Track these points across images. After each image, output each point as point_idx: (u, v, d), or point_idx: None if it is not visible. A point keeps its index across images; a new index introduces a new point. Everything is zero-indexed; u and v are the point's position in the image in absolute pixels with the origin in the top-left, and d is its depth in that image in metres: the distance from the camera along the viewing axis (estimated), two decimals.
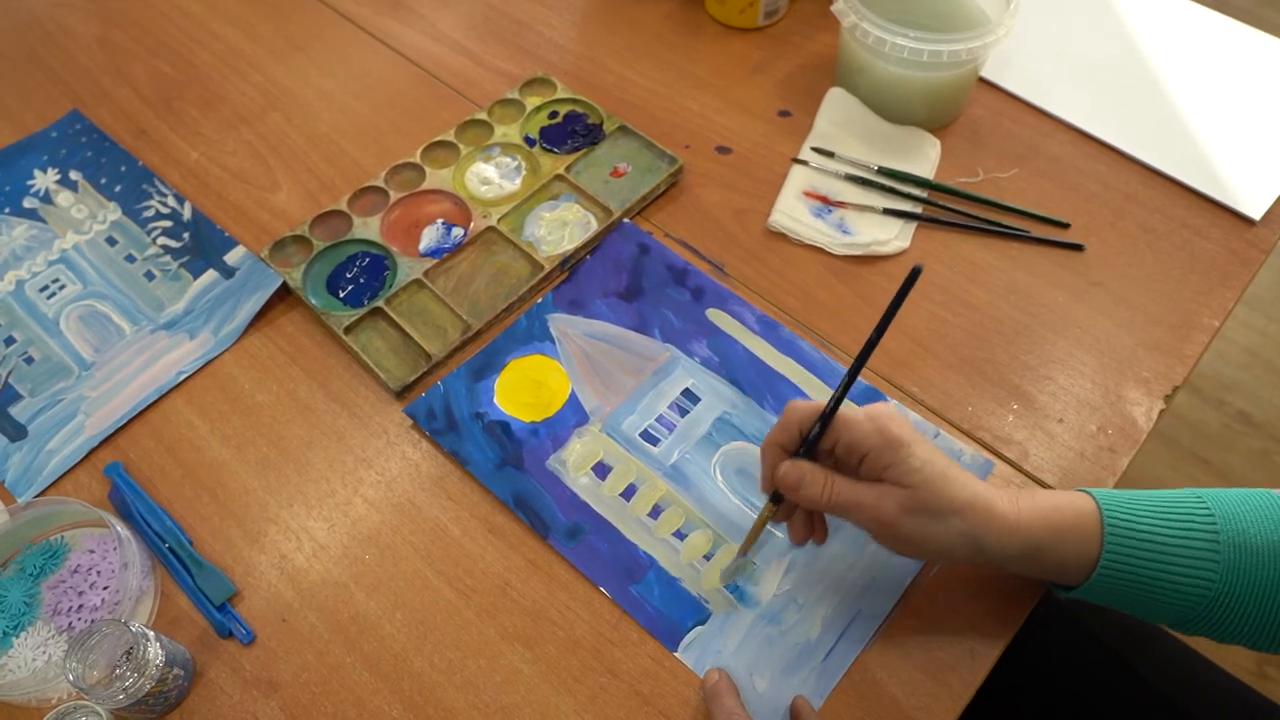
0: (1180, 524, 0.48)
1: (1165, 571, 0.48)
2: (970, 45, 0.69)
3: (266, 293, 0.68)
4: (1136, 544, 0.48)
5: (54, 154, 0.78)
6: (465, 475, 0.60)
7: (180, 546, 0.58)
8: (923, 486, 0.48)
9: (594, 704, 0.52)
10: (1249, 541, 0.47)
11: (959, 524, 0.48)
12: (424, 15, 0.89)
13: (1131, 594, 0.49)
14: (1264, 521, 0.48)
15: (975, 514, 0.48)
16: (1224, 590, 0.47)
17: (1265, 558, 0.47)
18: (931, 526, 0.48)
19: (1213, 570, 0.47)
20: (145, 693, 0.49)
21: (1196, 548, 0.47)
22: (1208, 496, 0.49)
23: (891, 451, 0.48)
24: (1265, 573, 0.47)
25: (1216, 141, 0.76)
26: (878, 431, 0.48)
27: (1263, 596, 0.47)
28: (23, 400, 0.65)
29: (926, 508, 0.48)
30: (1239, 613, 0.48)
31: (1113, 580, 0.48)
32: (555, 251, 0.70)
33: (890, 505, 0.48)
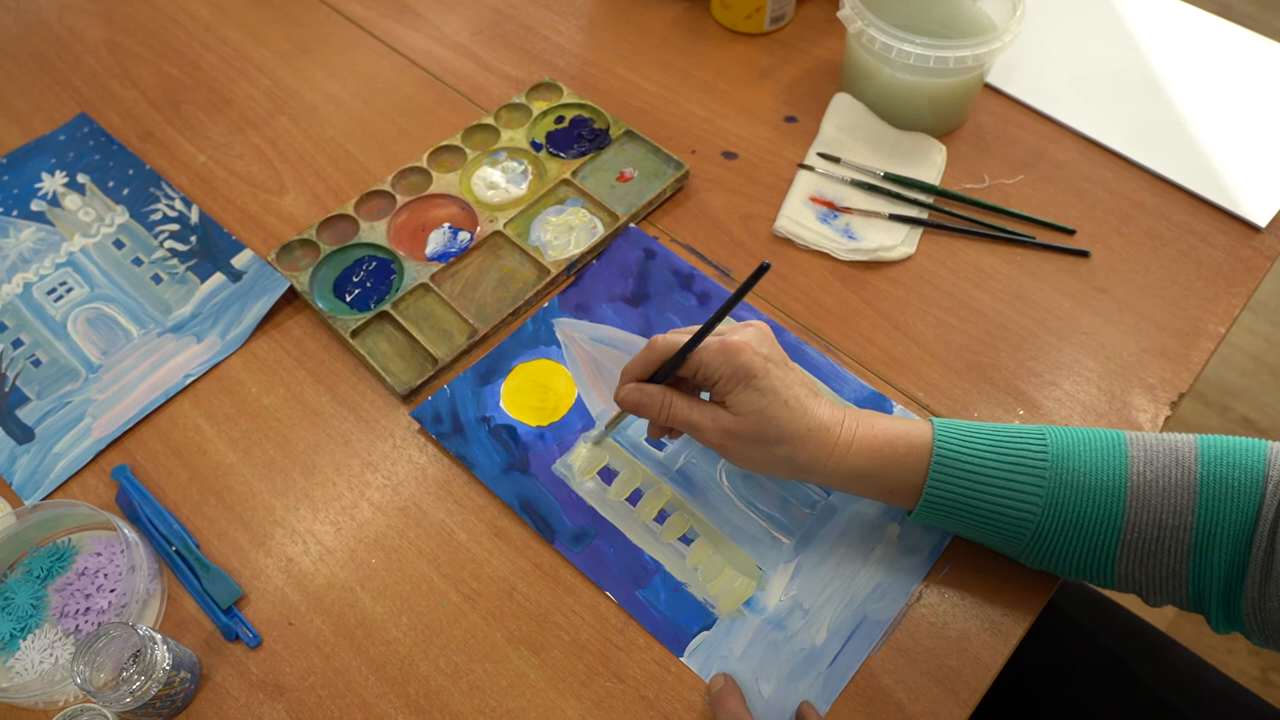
0: (1011, 457, 0.50)
1: (989, 500, 0.50)
2: (976, 51, 0.69)
3: (273, 296, 0.68)
4: (962, 473, 0.51)
5: (62, 157, 0.79)
6: (471, 479, 0.60)
7: (187, 549, 0.58)
8: (754, 415, 0.51)
9: (600, 708, 0.52)
10: (1076, 478, 0.49)
11: (783, 450, 0.52)
12: (430, 19, 0.89)
13: (960, 520, 0.52)
14: (1096, 458, 0.49)
15: (804, 444, 0.52)
16: (1046, 522, 0.49)
17: (1089, 493, 0.49)
18: (753, 450, 0.52)
19: (1035, 502, 0.49)
20: (152, 696, 0.49)
21: (1023, 479, 0.50)
22: (1050, 432, 0.51)
23: (733, 381, 0.51)
24: (1086, 506, 0.49)
25: (1222, 148, 0.76)
26: (725, 362, 0.51)
27: (1085, 529, 0.49)
28: (30, 403, 0.65)
29: (753, 435, 0.52)
30: (1065, 544, 0.50)
31: (939, 505, 0.52)
32: (561, 256, 0.70)
33: (717, 429, 0.52)
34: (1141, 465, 0.49)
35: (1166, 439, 0.50)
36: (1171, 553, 0.48)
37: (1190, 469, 0.48)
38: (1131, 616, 0.71)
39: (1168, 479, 0.48)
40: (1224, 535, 0.47)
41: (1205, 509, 0.47)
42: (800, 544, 0.57)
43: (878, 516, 0.58)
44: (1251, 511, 0.46)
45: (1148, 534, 0.48)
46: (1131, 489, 0.48)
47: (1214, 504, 0.47)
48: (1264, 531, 0.46)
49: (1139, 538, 0.48)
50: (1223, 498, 0.47)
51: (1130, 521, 0.48)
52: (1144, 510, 0.48)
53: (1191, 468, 0.48)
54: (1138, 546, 0.48)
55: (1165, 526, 0.48)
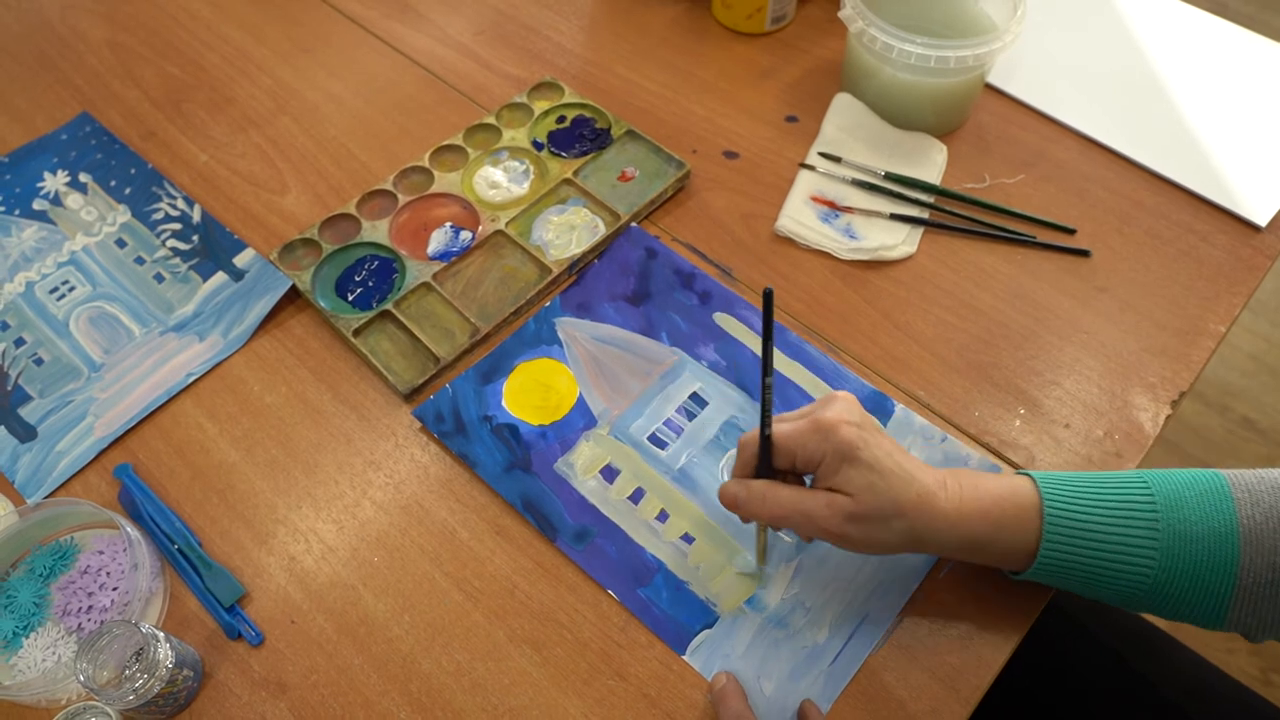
0: (1120, 510, 0.49)
1: (1105, 558, 0.49)
2: (977, 51, 0.69)
3: (275, 295, 0.68)
4: (1076, 533, 0.49)
5: (64, 156, 0.79)
6: (473, 478, 0.61)
7: (189, 548, 0.58)
8: (868, 492, 0.48)
9: (602, 707, 0.53)
10: (1188, 528, 0.48)
11: (901, 525, 0.49)
12: (432, 19, 0.89)
13: (1075, 579, 0.50)
14: (1204, 505, 0.48)
15: (920, 513, 0.49)
16: (1163, 575, 0.48)
17: (1203, 542, 0.48)
18: (875, 531, 0.49)
19: (1151, 556, 0.48)
20: (155, 694, 0.49)
21: (1136, 534, 0.48)
22: (1151, 479, 0.50)
23: (838, 459, 0.49)
24: (1203, 557, 0.48)
25: (1222, 148, 0.76)
26: (824, 441, 0.49)
27: (1202, 579, 0.48)
28: (32, 401, 0.65)
29: (870, 515, 0.49)
30: (1180, 595, 0.49)
31: (1053, 567, 0.50)
32: (563, 255, 0.70)
33: (836, 516, 0.49)
34: (1249, 508, 0.48)
35: (1265, 476, 0.49)
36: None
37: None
38: (1132, 616, 0.71)
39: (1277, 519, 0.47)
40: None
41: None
42: (801, 542, 0.57)
43: None
44: None
45: (1262, 577, 0.47)
46: (1244, 533, 0.47)
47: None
48: None
49: (1255, 582, 0.47)
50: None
51: (1245, 567, 0.47)
52: (1258, 554, 0.47)
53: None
54: (1254, 590, 0.47)
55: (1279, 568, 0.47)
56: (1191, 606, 0.49)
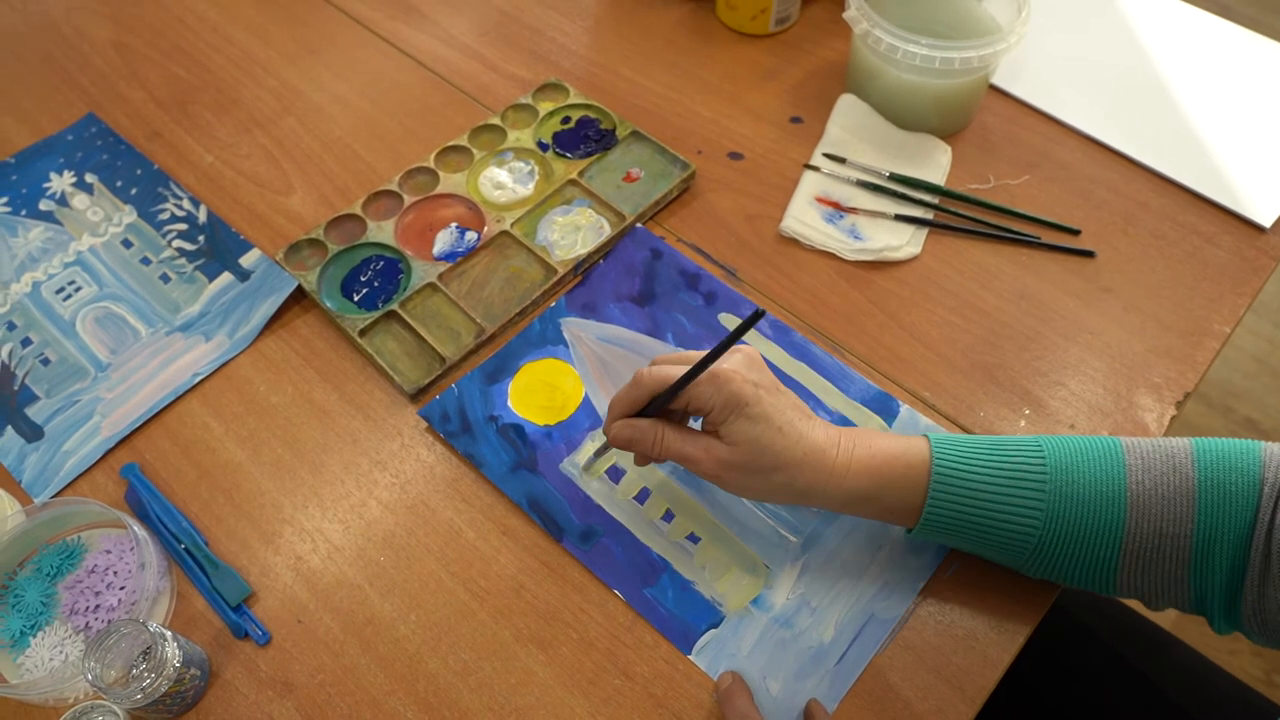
0: (1010, 470, 0.50)
1: (991, 516, 0.50)
2: (982, 53, 0.70)
3: (281, 295, 0.68)
4: (964, 490, 0.50)
5: (70, 157, 0.79)
6: (479, 477, 0.61)
7: (196, 547, 0.58)
8: (748, 444, 0.50)
9: (608, 706, 0.53)
10: (1076, 490, 0.49)
11: (781, 478, 0.51)
12: (436, 20, 0.89)
13: (962, 536, 0.51)
14: (1095, 469, 0.49)
15: (801, 469, 0.51)
16: (1048, 536, 0.49)
17: (1090, 505, 0.48)
18: (751, 480, 0.52)
19: (1036, 516, 0.49)
20: (163, 693, 0.50)
21: (1023, 493, 0.49)
22: (1046, 443, 0.51)
23: (726, 410, 0.50)
24: (1088, 519, 0.48)
25: (1227, 149, 0.76)
26: (716, 392, 0.50)
27: (1087, 541, 0.49)
28: (39, 401, 0.65)
29: (749, 465, 0.51)
30: (1066, 557, 0.49)
31: (940, 523, 0.51)
32: (568, 256, 0.70)
33: (713, 462, 0.51)
34: (1140, 474, 0.48)
35: (1161, 445, 0.50)
36: (1173, 559, 0.48)
37: (1188, 475, 0.48)
38: (1136, 616, 0.71)
39: (1166, 487, 0.48)
40: (1223, 540, 0.47)
41: (1204, 515, 0.47)
42: (807, 542, 0.57)
43: None
44: (1249, 514, 0.46)
45: (1149, 543, 0.48)
46: (1131, 499, 0.48)
47: (1212, 510, 0.47)
48: (1261, 534, 0.46)
49: (1140, 547, 0.48)
50: (1220, 503, 0.47)
51: (1131, 531, 0.48)
52: (1144, 520, 0.48)
53: (1189, 474, 0.48)
54: (1139, 555, 0.48)
55: (1166, 535, 0.47)
56: (1080, 569, 0.50)
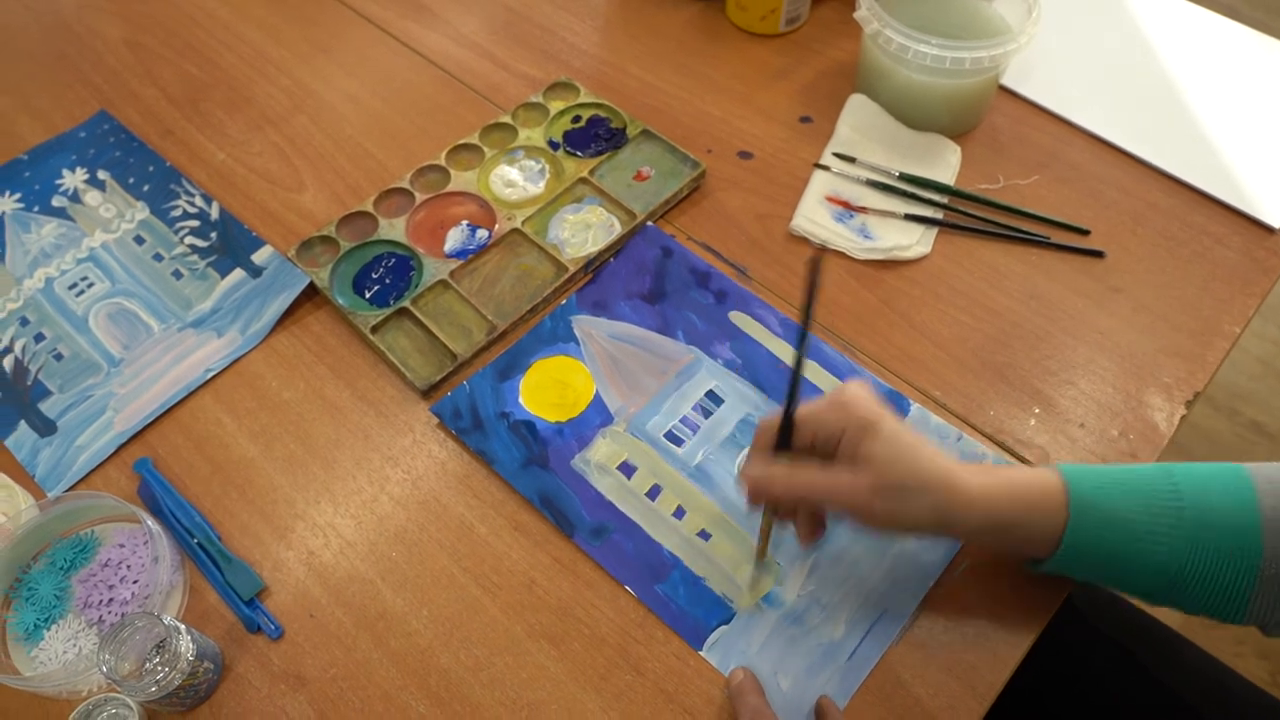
0: (1146, 498, 0.49)
1: (1128, 548, 0.49)
2: (992, 53, 0.70)
3: (294, 292, 0.69)
4: (1102, 518, 0.49)
5: (82, 154, 0.79)
6: (491, 474, 0.61)
7: (209, 542, 0.58)
8: (894, 463, 0.48)
9: (619, 702, 0.53)
10: (1212, 517, 0.48)
11: (928, 500, 0.48)
12: (447, 19, 0.89)
13: (1097, 569, 0.50)
14: (1227, 496, 0.48)
15: (943, 489, 0.48)
16: (1186, 565, 0.48)
17: (1226, 532, 0.48)
18: (902, 504, 0.48)
19: (1174, 545, 0.48)
20: (176, 686, 0.50)
21: (1160, 521, 0.48)
22: (1175, 471, 0.50)
23: (859, 432, 0.48)
24: (1225, 546, 0.48)
25: (1236, 150, 0.76)
26: (845, 416, 0.49)
27: (1224, 569, 0.48)
28: (52, 396, 0.65)
29: (897, 486, 0.48)
30: (1202, 585, 0.48)
31: (1077, 556, 0.50)
32: (579, 254, 0.70)
33: (862, 489, 0.48)
34: (1272, 499, 0.48)
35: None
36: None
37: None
38: (1146, 616, 0.71)
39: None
40: None
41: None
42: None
43: None
44: None
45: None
46: (1266, 523, 0.47)
47: None
48: None
49: (1276, 572, 0.47)
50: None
51: (1268, 558, 0.47)
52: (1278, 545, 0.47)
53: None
54: (1275, 581, 0.47)
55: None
56: (1212, 597, 0.49)
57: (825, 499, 0.50)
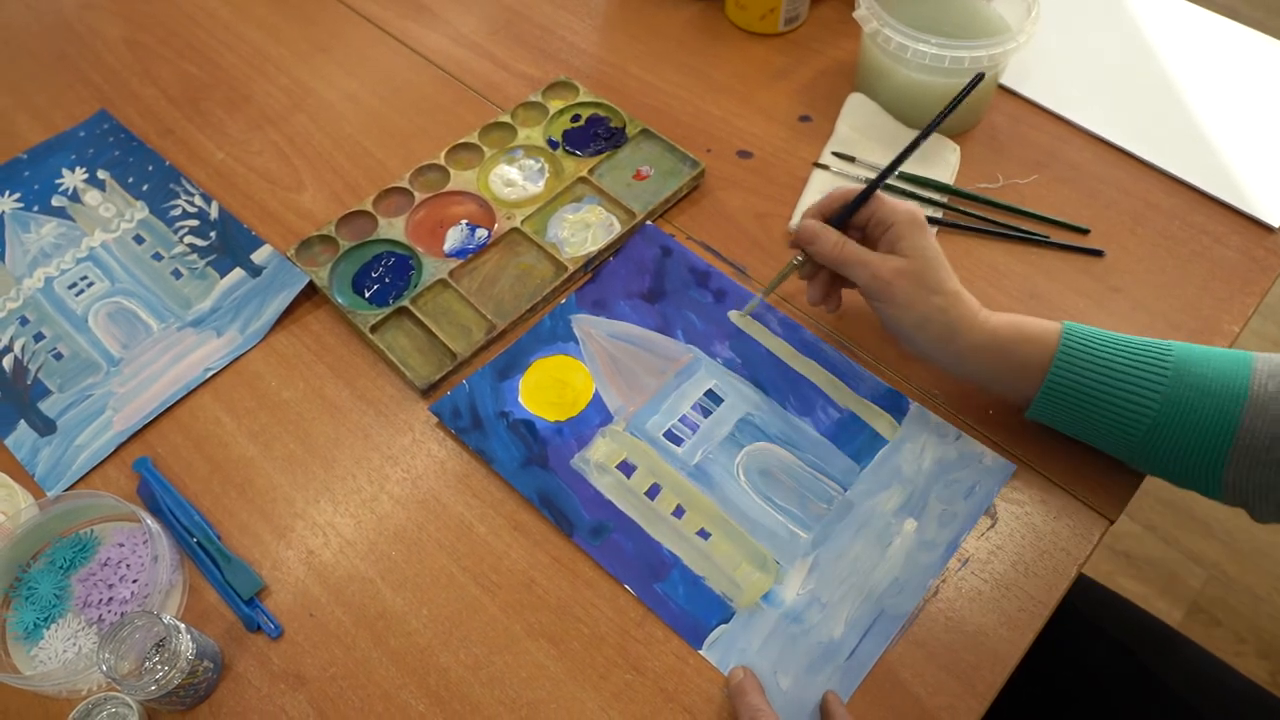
0: (1136, 354, 0.53)
1: (1112, 388, 0.52)
2: (991, 52, 0.70)
3: (293, 291, 0.69)
4: (1088, 361, 0.53)
5: (82, 153, 0.79)
6: (490, 473, 0.61)
7: (208, 541, 0.58)
8: (925, 261, 0.57)
9: (619, 701, 0.53)
10: (1197, 380, 0.51)
11: (940, 302, 0.56)
12: (446, 19, 0.89)
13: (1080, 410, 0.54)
14: (1220, 368, 0.51)
15: (956, 301, 0.57)
16: (1163, 419, 0.51)
17: (1209, 396, 0.50)
18: (918, 295, 0.57)
19: (1154, 397, 0.51)
20: (176, 685, 0.50)
21: (1145, 374, 0.52)
22: (1176, 345, 0.53)
23: (911, 227, 0.57)
24: (1205, 409, 0.50)
25: (1235, 149, 0.76)
26: (902, 210, 0.58)
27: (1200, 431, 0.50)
28: (52, 395, 0.65)
29: (920, 278, 0.57)
30: (1178, 446, 0.51)
31: (1062, 392, 0.54)
32: (579, 253, 0.70)
33: (890, 266, 0.57)
34: (1264, 378, 0.50)
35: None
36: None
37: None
38: (1145, 614, 0.71)
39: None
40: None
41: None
42: (818, 539, 0.58)
43: (894, 512, 0.58)
44: None
45: (1260, 443, 0.49)
46: (1252, 397, 0.49)
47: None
48: None
49: (1252, 445, 0.49)
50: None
51: (1245, 427, 0.49)
52: (1260, 419, 0.49)
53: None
54: (1250, 454, 0.49)
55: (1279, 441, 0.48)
56: (1187, 461, 0.51)
57: (860, 265, 0.58)
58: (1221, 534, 1.41)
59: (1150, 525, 1.42)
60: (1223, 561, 1.39)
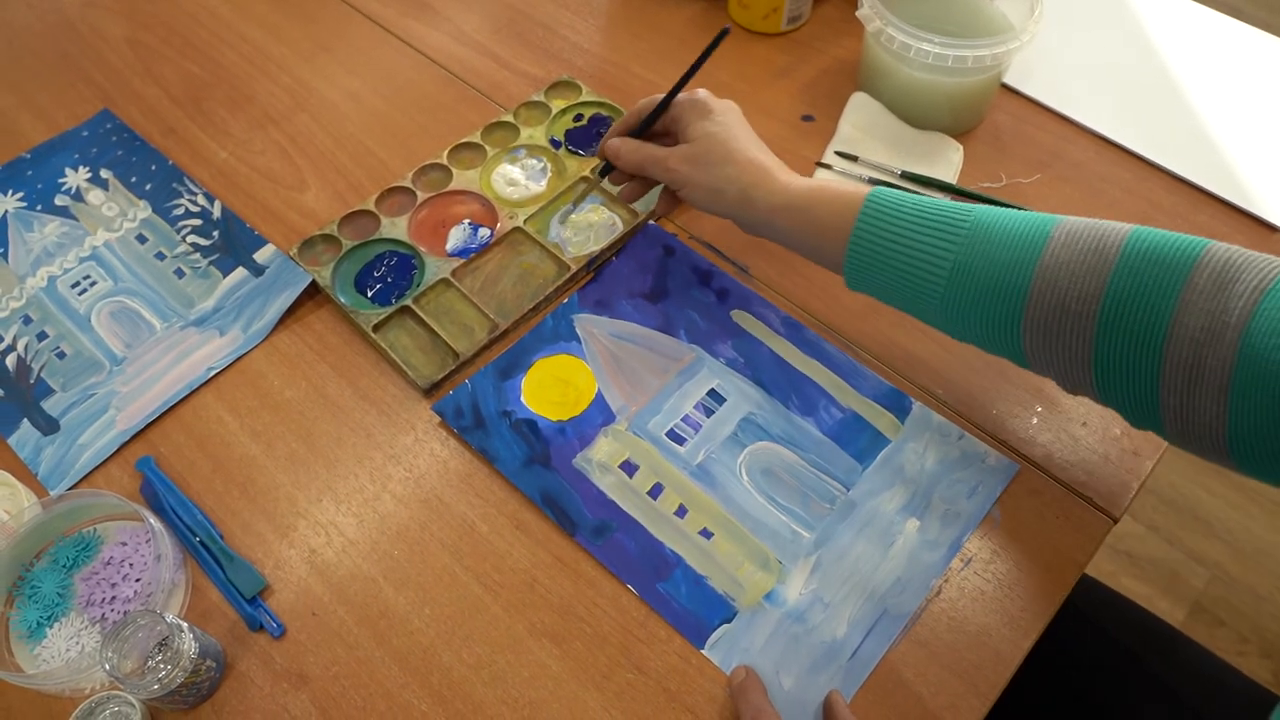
0: (934, 219, 0.52)
1: (906, 257, 0.53)
2: (994, 51, 0.70)
3: (296, 291, 0.69)
4: (889, 221, 0.54)
5: (85, 152, 0.79)
6: (493, 472, 0.61)
7: (211, 540, 0.58)
8: (704, 139, 0.61)
9: (621, 700, 0.53)
10: (987, 247, 0.50)
11: (728, 171, 0.60)
12: (449, 17, 0.89)
13: (884, 272, 0.54)
14: (1015, 231, 0.50)
15: (748, 169, 0.59)
16: (954, 289, 0.51)
17: (995, 263, 0.50)
18: (708, 173, 0.60)
19: (945, 262, 0.51)
20: (179, 684, 0.50)
21: (938, 240, 0.52)
22: (981, 209, 0.53)
23: (694, 113, 0.62)
24: (992, 276, 0.50)
25: (1238, 148, 0.76)
26: (689, 101, 0.63)
27: (990, 300, 0.50)
28: (55, 395, 0.65)
29: (705, 157, 0.60)
30: (974, 314, 0.51)
31: (865, 254, 0.55)
32: (581, 253, 0.70)
33: (677, 154, 0.62)
34: (1058, 246, 0.48)
35: (1098, 226, 0.48)
36: (1076, 339, 0.47)
37: (1108, 258, 0.46)
38: (1147, 614, 0.71)
39: (1080, 264, 0.47)
40: (1132, 332, 0.45)
41: (1112, 302, 0.45)
42: (820, 538, 0.58)
43: (897, 511, 0.58)
44: (1167, 310, 0.44)
45: (1052, 315, 0.48)
46: (1040, 268, 0.48)
47: (1123, 300, 0.45)
48: (1185, 335, 0.43)
49: (1044, 318, 0.48)
50: (1136, 293, 0.45)
51: (1034, 300, 0.48)
52: (1049, 291, 0.47)
53: (1110, 257, 0.46)
54: (1043, 327, 0.48)
55: (1069, 311, 0.47)
56: (986, 330, 0.51)
57: (654, 163, 0.63)
58: (1224, 534, 1.41)
59: (1153, 525, 1.42)
60: (1225, 561, 1.38)
